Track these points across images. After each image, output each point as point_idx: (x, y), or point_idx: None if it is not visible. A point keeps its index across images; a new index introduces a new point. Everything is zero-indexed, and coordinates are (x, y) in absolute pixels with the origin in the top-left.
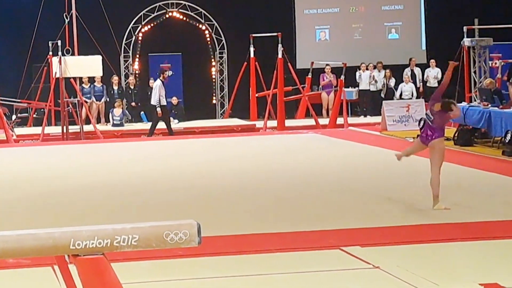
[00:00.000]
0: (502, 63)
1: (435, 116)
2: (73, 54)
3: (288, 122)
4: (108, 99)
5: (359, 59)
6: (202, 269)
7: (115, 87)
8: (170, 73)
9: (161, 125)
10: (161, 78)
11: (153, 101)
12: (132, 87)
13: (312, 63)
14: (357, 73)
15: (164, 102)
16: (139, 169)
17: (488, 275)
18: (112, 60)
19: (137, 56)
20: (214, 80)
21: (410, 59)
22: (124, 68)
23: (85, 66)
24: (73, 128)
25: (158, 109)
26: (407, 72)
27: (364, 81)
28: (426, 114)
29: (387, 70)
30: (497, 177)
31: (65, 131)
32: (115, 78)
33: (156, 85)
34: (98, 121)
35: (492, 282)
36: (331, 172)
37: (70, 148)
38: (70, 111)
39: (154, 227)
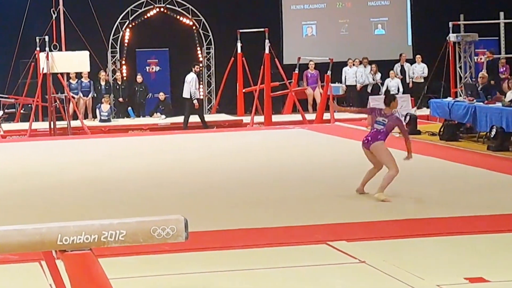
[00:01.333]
0: (488, 58)
1: (388, 119)
2: (60, 49)
3: (275, 118)
4: (95, 95)
5: (346, 54)
6: (189, 264)
7: (103, 83)
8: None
9: (147, 120)
10: (194, 71)
11: (186, 93)
12: (119, 83)
13: (299, 58)
14: (345, 69)
15: (198, 95)
16: (127, 164)
17: (473, 269)
18: (99, 55)
19: (125, 51)
20: (201, 75)
21: (401, 55)
22: (112, 63)
23: (73, 61)
24: (60, 124)
25: (195, 101)
26: (396, 67)
27: (350, 77)
28: (377, 121)
29: (373, 66)
30: (482, 172)
31: (52, 126)
32: (102, 74)
33: (192, 78)
34: (86, 116)
35: (477, 276)
36: (318, 167)
37: (57, 144)
38: (58, 106)
39: (141, 222)
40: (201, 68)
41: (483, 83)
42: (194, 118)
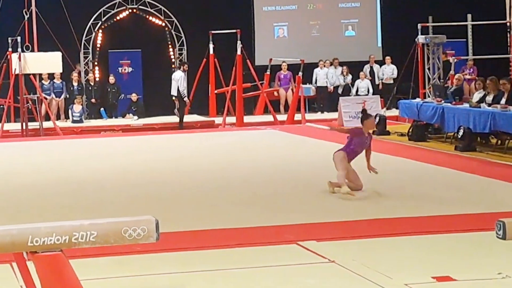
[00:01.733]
0: (455, 60)
1: (369, 140)
2: (32, 50)
3: (247, 118)
4: (67, 96)
5: (317, 55)
6: (160, 265)
7: (75, 84)
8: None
9: (120, 121)
10: (182, 69)
11: (174, 91)
12: (92, 84)
13: (271, 59)
14: (315, 70)
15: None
16: (98, 165)
17: (440, 268)
18: (72, 56)
19: (97, 52)
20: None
21: (370, 56)
22: (84, 64)
23: (45, 62)
24: (32, 125)
25: (186, 99)
26: (366, 68)
27: (321, 78)
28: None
29: (344, 67)
30: (450, 172)
31: (24, 127)
32: (74, 75)
33: (180, 77)
34: (58, 117)
35: (444, 275)
36: (288, 168)
37: (29, 145)
38: (30, 107)
39: (112, 223)
40: (188, 67)
41: (458, 85)
42: (164, 120)
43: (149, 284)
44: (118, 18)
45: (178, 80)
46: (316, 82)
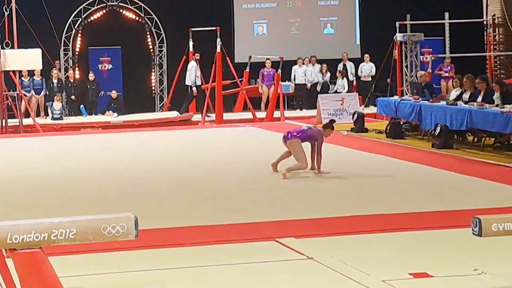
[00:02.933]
0: (433, 58)
1: (316, 132)
2: (12, 47)
3: (226, 116)
4: (47, 93)
5: (296, 53)
6: (140, 262)
7: (55, 81)
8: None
9: (99, 118)
10: (194, 59)
11: (188, 81)
12: (71, 81)
13: (250, 57)
14: (294, 67)
15: (199, 82)
16: (78, 162)
17: (417, 265)
18: (52, 53)
19: (77, 49)
20: (153, 73)
21: (342, 54)
22: (64, 61)
23: (25, 59)
24: (12, 122)
25: (194, 89)
26: (340, 66)
27: (300, 76)
28: (306, 124)
29: (324, 65)
30: (427, 169)
31: (4, 124)
32: (54, 72)
33: (192, 66)
34: (38, 114)
35: (421, 271)
36: (267, 165)
37: (9, 142)
38: (9, 104)
39: (92, 220)
40: (200, 56)
41: (423, 81)
42: (143, 117)
43: (128, 281)
44: (98, 15)
45: (190, 69)
46: (294, 80)
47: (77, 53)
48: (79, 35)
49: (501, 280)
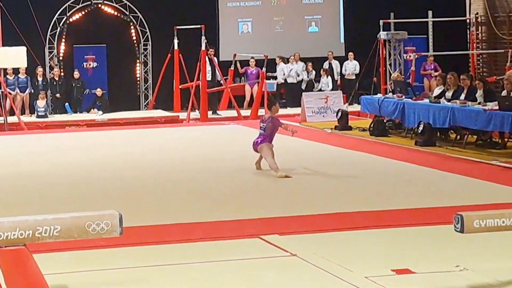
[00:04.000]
0: (416, 56)
1: (267, 122)
2: None
3: (211, 114)
4: (32, 91)
5: (281, 51)
6: (124, 259)
7: (40, 79)
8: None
9: (84, 116)
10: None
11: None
12: (56, 79)
13: (235, 55)
14: (278, 66)
15: (209, 78)
16: (63, 160)
17: (400, 261)
18: (37, 51)
19: (62, 47)
20: (138, 72)
21: (328, 53)
22: (49, 59)
23: (10, 57)
24: None
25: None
26: (325, 65)
27: (280, 73)
28: (260, 127)
29: (309, 63)
30: (410, 166)
31: None
32: (39, 70)
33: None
34: (23, 112)
35: (403, 268)
36: (251, 163)
37: None
38: None
39: (76, 218)
40: (214, 53)
41: (398, 80)
42: (128, 115)
43: (112, 278)
44: (83, 13)
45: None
46: (276, 78)
47: (62, 51)
48: (64, 33)
49: (482, 276)
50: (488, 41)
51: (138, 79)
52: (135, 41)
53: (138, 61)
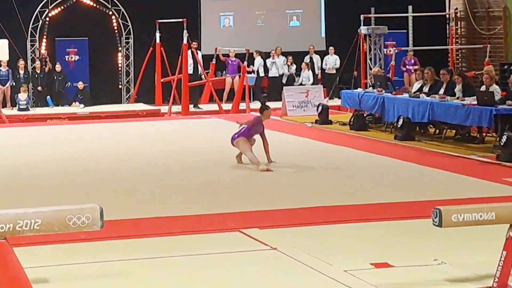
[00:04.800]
0: (396, 51)
1: (252, 119)
2: None
3: (192, 107)
4: (14, 84)
5: (262, 45)
6: (105, 253)
7: (21, 72)
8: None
9: (66, 109)
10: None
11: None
12: (38, 72)
13: (216, 49)
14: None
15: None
16: (44, 153)
17: (379, 255)
18: (18, 44)
19: (44, 40)
20: (120, 65)
21: (309, 47)
22: (31, 52)
23: None
24: None
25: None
26: (306, 59)
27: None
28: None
29: (289, 57)
30: (389, 160)
31: None
32: (21, 63)
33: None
34: (4, 105)
35: (382, 261)
36: (232, 156)
37: None
38: None
39: (57, 211)
40: (196, 46)
41: (378, 74)
42: (110, 108)
43: (93, 271)
44: (65, 6)
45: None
46: (261, 72)
47: (43, 44)
48: (46, 26)
49: (460, 270)
50: (467, 36)
51: (120, 72)
52: (117, 35)
53: (120, 54)
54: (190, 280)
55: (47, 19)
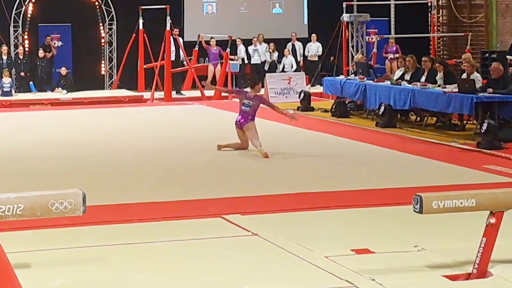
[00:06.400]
0: (378, 38)
1: (253, 100)
2: None
3: (175, 94)
4: None
5: (245, 32)
6: (87, 238)
7: (4, 57)
8: None
9: (49, 95)
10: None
11: None
12: (21, 57)
13: (199, 35)
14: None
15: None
16: (26, 138)
17: (359, 241)
18: (1, 30)
19: (27, 26)
20: (103, 51)
21: (291, 34)
22: (14, 38)
23: None
24: None
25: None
26: (288, 46)
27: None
28: (244, 104)
29: (271, 44)
30: (371, 147)
31: None
32: (4, 48)
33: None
34: None
35: (363, 248)
36: (214, 142)
37: None
38: None
39: (39, 196)
40: (178, 33)
41: (361, 62)
42: (92, 94)
43: (75, 256)
44: None
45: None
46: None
47: (27, 29)
48: (30, 11)
49: (440, 256)
50: (449, 24)
51: (103, 58)
52: (100, 21)
53: (103, 40)
54: (172, 266)
55: (30, 5)
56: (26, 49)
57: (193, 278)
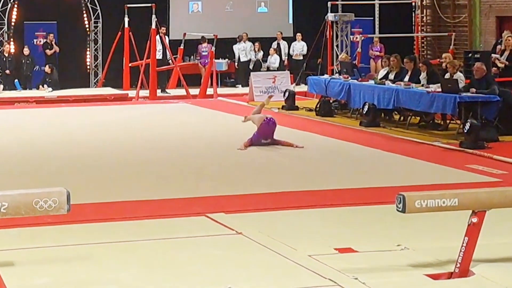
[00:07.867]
0: (363, 38)
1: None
2: None
3: (160, 92)
4: None
5: (230, 31)
6: (71, 236)
7: None
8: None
9: (34, 93)
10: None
11: None
12: (6, 55)
13: (185, 34)
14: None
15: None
16: (11, 136)
17: (343, 240)
18: None
19: (12, 24)
20: (88, 49)
21: (277, 33)
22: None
23: None
24: None
25: None
26: (274, 45)
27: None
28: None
29: (256, 43)
30: (354, 146)
31: None
32: None
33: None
34: None
35: (346, 246)
36: (198, 141)
37: None
38: None
39: (24, 194)
40: (164, 31)
41: (345, 61)
42: (78, 92)
43: (59, 255)
44: None
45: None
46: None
47: (12, 27)
48: (15, 9)
49: (422, 255)
50: (432, 24)
51: (88, 57)
52: (85, 19)
53: (88, 38)
54: (156, 264)
55: (16, 2)
56: (12, 47)
57: (178, 276)
